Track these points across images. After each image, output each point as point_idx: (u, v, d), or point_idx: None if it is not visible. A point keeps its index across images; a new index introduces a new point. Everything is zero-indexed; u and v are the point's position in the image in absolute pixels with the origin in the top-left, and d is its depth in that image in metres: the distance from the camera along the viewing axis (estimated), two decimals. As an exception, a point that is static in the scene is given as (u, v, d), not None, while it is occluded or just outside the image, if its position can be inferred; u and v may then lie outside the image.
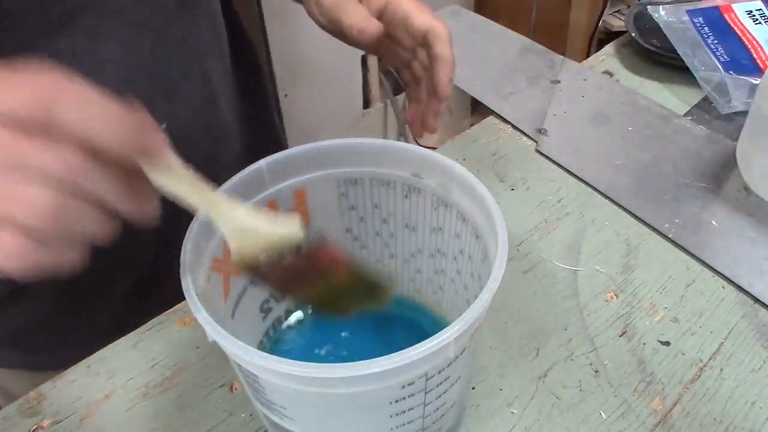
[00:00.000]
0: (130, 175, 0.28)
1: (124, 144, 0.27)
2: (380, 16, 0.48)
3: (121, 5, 0.45)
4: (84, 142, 0.26)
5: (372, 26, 0.46)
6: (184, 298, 0.31)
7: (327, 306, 0.38)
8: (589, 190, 0.59)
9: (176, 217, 0.32)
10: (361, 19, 0.46)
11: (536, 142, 0.64)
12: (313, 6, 0.50)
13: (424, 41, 0.47)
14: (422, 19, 0.47)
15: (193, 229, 0.34)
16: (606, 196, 0.58)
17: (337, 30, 0.49)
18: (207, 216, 0.32)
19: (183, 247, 0.33)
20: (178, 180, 0.30)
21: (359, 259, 0.44)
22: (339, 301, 0.37)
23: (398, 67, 0.53)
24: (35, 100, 0.26)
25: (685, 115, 0.67)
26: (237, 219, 0.32)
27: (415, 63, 0.51)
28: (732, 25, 0.73)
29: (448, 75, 0.48)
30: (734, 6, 0.74)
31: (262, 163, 0.38)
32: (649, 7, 0.76)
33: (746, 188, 0.59)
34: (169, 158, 0.29)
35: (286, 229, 0.33)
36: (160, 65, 0.49)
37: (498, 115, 0.68)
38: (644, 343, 0.47)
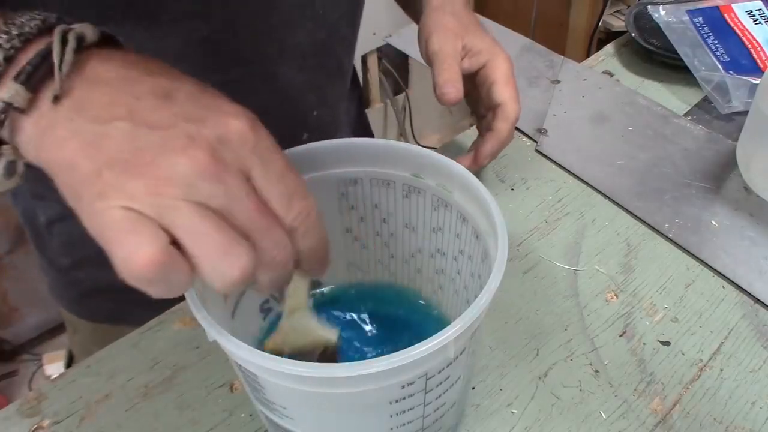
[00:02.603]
0: None
1: (314, 267, 0.30)
2: (477, 71, 0.52)
3: None
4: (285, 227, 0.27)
5: (452, 95, 0.49)
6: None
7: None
8: (589, 190, 0.59)
9: None
10: (447, 82, 0.50)
11: (536, 142, 0.64)
12: (420, 40, 0.54)
13: (494, 111, 0.52)
14: (503, 93, 0.51)
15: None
16: (606, 196, 0.58)
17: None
18: (290, 313, 0.36)
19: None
20: (302, 283, 0.35)
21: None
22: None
23: (475, 113, 0.57)
24: (299, 217, 0.27)
25: (685, 115, 0.67)
26: (304, 319, 0.35)
27: (486, 119, 0.54)
28: (732, 25, 0.73)
29: (492, 148, 0.52)
30: (734, 6, 0.74)
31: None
32: (649, 7, 0.76)
33: (746, 188, 0.59)
34: None
35: (327, 337, 0.37)
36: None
37: (498, 115, 0.68)
38: (644, 343, 0.47)
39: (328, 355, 0.37)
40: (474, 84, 0.53)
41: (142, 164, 0.25)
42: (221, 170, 0.25)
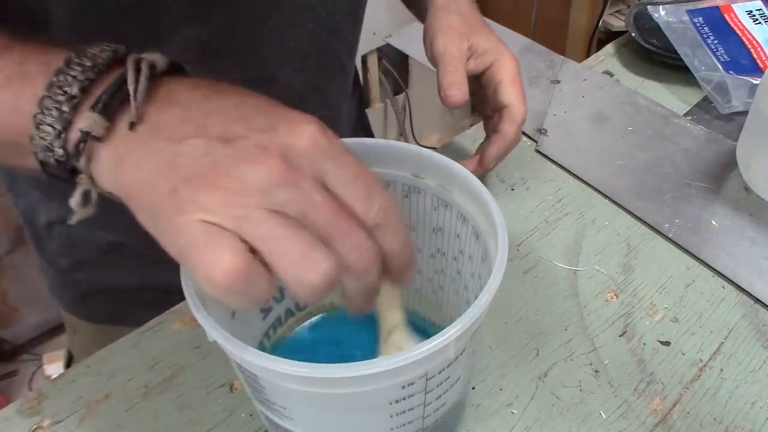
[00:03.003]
0: None
1: (399, 271, 0.30)
2: (483, 71, 0.52)
3: None
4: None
5: (456, 97, 0.49)
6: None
7: None
8: (589, 190, 0.59)
9: None
10: (452, 84, 0.49)
11: (536, 142, 0.64)
12: (425, 40, 0.54)
13: (500, 113, 0.51)
14: (509, 95, 0.51)
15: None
16: (606, 196, 0.58)
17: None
18: (390, 333, 0.34)
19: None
20: (395, 296, 0.34)
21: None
22: None
23: (481, 114, 0.57)
24: (378, 215, 0.27)
25: (685, 115, 0.67)
26: (398, 338, 0.34)
27: (492, 121, 0.54)
28: (732, 25, 0.73)
29: (498, 151, 0.52)
30: (734, 6, 0.74)
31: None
32: (649, 7, 0.76)
33: (746, 188, 0.59)
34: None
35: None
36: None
37: (498, 115, 0.68)
38: (644, 343, 0.47)
39: None
40: (480, 85, 0.53)
41: (217, 177, 0.25)
42: (295, 176, 0.25)
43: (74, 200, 0.28)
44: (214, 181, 0.25)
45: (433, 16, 0.53)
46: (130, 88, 0.27)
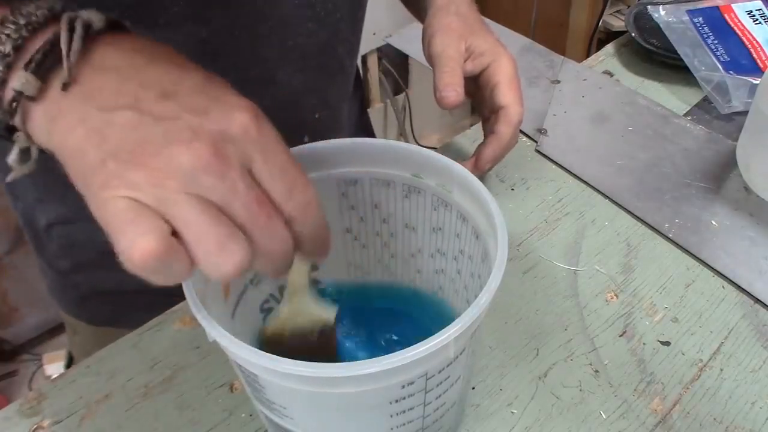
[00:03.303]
0: None
1: (316, 254, 0.31)
2: (480, 72, 0.52)
3: None
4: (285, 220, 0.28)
5: (451, 99, 0.49)
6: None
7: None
8: (589, 190, 0.59)
9: None
10: (448, 86, 0.49)
11: (536, 142, 0.64)
12: (423, 40, 0.54)
13: (497, 114, 0.51)
14: (505, 96, 0.51)
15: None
16: (606, 196, 0.58)
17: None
18: (290, 297, 0.36)
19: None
20: (303, 268, 0.35)
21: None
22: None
23: (480, 115, 0.57)
24: (300, 209, 0.28)
25: (685, 115, 0.67)
26: (300, 301, 0.36)
27: (489, 122, 0.54)
28: (732, 25, 0.73)
29: (493, 152, 0.52)
30: (734, 6, 0.74)
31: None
32: (649, 7, 0.76)
33: (746, 188, 0.59)
34: None
35: (324, 317, 0.37)
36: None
37: (498, 115, 0.68)
38: (644, 343, 0.47)
39: (325, 335, 0.37)
40: (478, 86, 0.53)
41: (145, 155, 0.25)
42: (222, 164, 0.25)
43: (12, 157, 0.28)
44: (142, 159, 0.25)
45: (432, 16, 0.53)
46: (63, 48, 0.26)
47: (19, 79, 0.26)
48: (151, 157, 0.25)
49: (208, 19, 0.45)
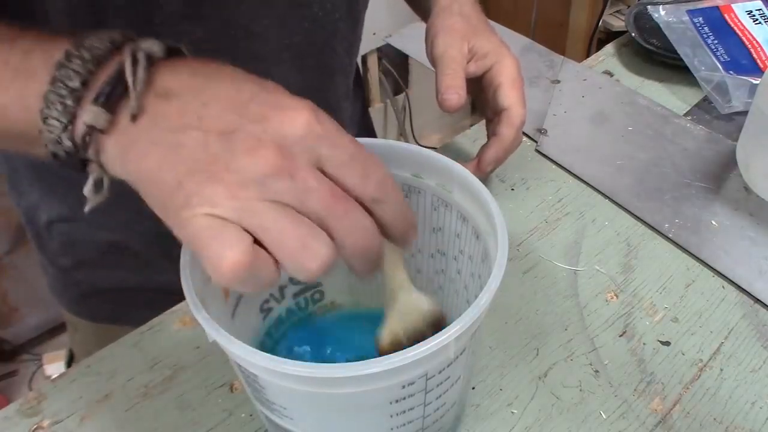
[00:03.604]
0: None
1: (402, 237, 0.30)
2: (483, 73, 0.51)
3: None
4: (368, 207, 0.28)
5: (453, 101, 0.49)
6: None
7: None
8: (589, 190, 0.59)
9: None
10: (450, 88, 0.49)
11: (536, 142, 0.64)
12: (426, 40, 0.53)
13: (499, 116, 0.51)
14: (508, 97, 0.50)
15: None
16: (606, 196, 0.58)
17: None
18: (395, 294, 0.35)
19: (183, 247, 0.33)
20: (397, 255, 0.34)
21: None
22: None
23: (483, 116, 0.56)
24: (376, 191, 0.28)
25: (685, 115, 0.67)
26: (406, 299, 0.35)
27: (493, 124, 0.53)
28: (732, 25, 0.73)
29: (496, 154, 0.51)
30: (734, 6, 0.74)
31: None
32: (649, 7, 0.76)
33: (746, 188, 0.59)
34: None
35: (433, 309, 0.36)
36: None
37: (498, 115, 0.68)
38: (644, 343, 0.47)
39: (437, 326, 0.36)
40: (481, 87, 0.53)
41: (217, 171, 0.26)
42: (290, 165, 0.26)
43: (87, 189, 0.29)
44: (215, 175, 0.26)
45: (436, 16, 0.53)
46: (129, 80, 0.27)
47: (89, 113, 0.27)
48: (222, 171, 0.26)
49: (202, 18, 0.45)
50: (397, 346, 0.35)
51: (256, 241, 0.26)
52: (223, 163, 0.26)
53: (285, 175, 0.26)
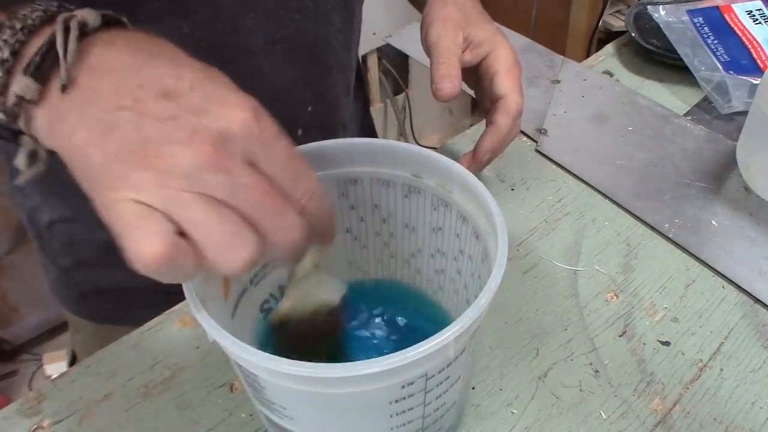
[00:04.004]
0: None
1: (324, 238, 0.31)
2: (479, 62, 0.50)
3: None
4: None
5: (447, 90, 0.48)
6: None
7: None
8: (589, 190, 0.59)
9: None
10: (444, 77, 0.48)
11: (536, 142, 0.64)
12: (421, 31, 0.53)
13: (495, 105, 0.50)
14: (504, 85, 0.49)
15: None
16: (606, 196, 0.58)
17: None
18: (298, 279, 0.36)
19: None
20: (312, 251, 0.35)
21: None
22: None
23: (481, 107, 0.55)
24: (306, 194, 0.28)
25: (685, 115, 0.67)
26: (306, 284, 0.35)
27: (490, 113, 0.52)
28: (732, 25, 0.73)
29: (492, 143, 0.50)
30: (734, 6, 0.74)
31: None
32: (649, 7, 0.76)
33: (746, 188, 0.59)
34: None
35: (333, 295, 0.37)
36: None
37: (498, 115, 0.67)
38: (644, 343, 0.47)
39: (332, 317, 0.37)
40: (478, 77, 0.52)
41: (148, 156, 0.25)
42: (224, 159, 0.26)
43: (20, 160, 0.29)
44: (145, 160, 0.25)
45: (431, 6, 0.52)
46: (60, 50, 0.26)
47: (19, 84, 0.26)
48: (153, 158, 0.25)
49: (189, 13, 0.44)
50: (284, 326, 0.37)
51: (181, 233, 0.26)
52: (155, 150, 0.25)
53: (218, 168, 0.25)
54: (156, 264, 0.25)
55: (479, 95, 0.54)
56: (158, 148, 0.25)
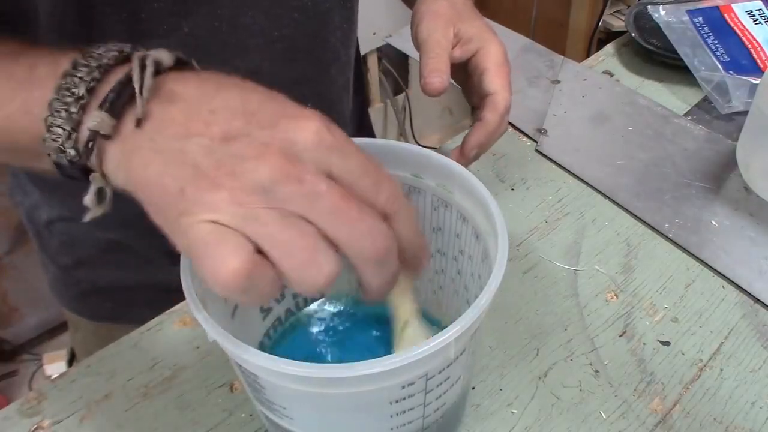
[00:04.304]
0: None
1: (414, 259, 0.29)
2: (468, 58, 0.50)
3: None
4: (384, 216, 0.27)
5: (436, 84, 0.47)
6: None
7: None
8: (589, 190, 0.59)
9: None
10: (433, 71, 0.48)
11: (536, 142, 0.64)
12: (412, 26, 0.53)
13: (484, 101, 0.49)
14: (493, 82, 0.49)
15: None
16: (606, 196, 0.58)
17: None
18: (403, 327, 0.34)
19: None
20: (408, 287, 0.33)
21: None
22: None
23: (470, 104, 0.55)
24: (388, 202, 0.27)
25: (685, 115, 0.67)
26: (414, 331, 0.34)
27: (478, 109, 0.52)
28: (732, 25, 0.73)
29: (479, 139, 0.49)
30: (734, 6, 0.74)
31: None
32: (649, 7, 0.76)
33: (746, 188, 0.59)
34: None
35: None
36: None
37: (498, 115, 0.67)
38: (644, 343, 0.47)
39: None
40: (467, 73, 0.51)
41: (221, 176, 0.25)
42: (298, 170, 0.25)
43: (88, 198, 0.29)
44: (219, 181, 0.25)
45: (421, 2, 0.52)
46: (136, 85, 0.27)
47: (94, 119, 0.27)
48: (227, 177, 0.25)
49: (189, 12, 0.44)
50: None
51: (259, 251, 0.25)
52: (228, 169, 0.25)
53: (292, 180, 0.25)
54: (236, 282, 0.24)
55: (467, 92, 0.54)
56: (231, 167, 0.25)
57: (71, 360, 0.69)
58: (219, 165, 0.25)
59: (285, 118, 0.27)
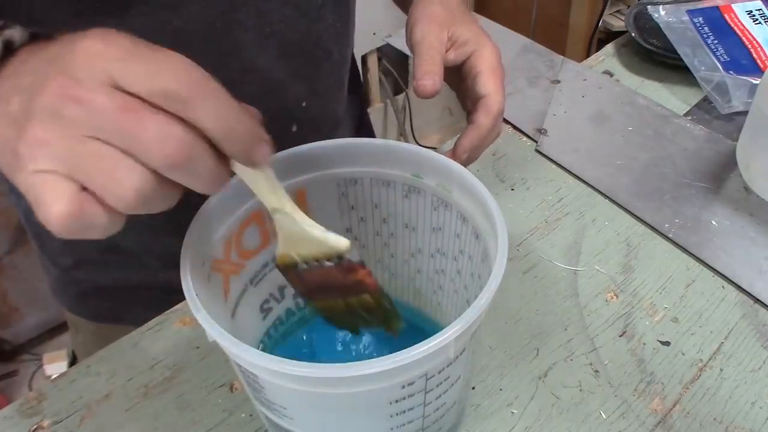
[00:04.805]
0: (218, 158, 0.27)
1: (237, 147, 0.28)
2: (462, 62, 0.50)
3: None
4: (200, 131, 0.26)
5: (428, 87, 0.47)
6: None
7: (338, 320, 0.40)
8: (589, 190, 0.59)
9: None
10: (426, 74, 0.47)
11: (536, 142, 0.64)
12: (406, 29, 0.52)
13: (477, 104, 0.49)
14: (486, 85, 0.48)
15: (194, 229, 0.34)
16: (606, 196, 0.58)
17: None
18: (272, 215, 0.33)
19: (183, 248, 0.33)
20: (259, 178, 0.31)
21: (384, 286, 0.44)
22: (351, 319, 0.39)
23: (464, 108, 0.54)
24: (179, 88, 0.25)
25: (685, 115, 0.67)
26: (296, 224, 0.34)
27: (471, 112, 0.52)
28: (732, 25, 0.73)
29: (471, 142, 0.49)
30: (734, 6, 0.74)
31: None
32: (649, 7, 0.76)
33: (746, 188, 0.59)
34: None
35: (335, 242, 0.34)
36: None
37: (498, 115, 0.67)
38: (644, 343, 0.47)
39: (349, 265, 0.35)
40: (461, 76, 0.51)
41: (29, 124, 0.25)
42: (74, 91, 0.25)
43: None
44: (27, 129, 0.25)
45: (416, 5, 0.52)
46: None
47: None
48: (30, 122, 0.25)
49: (180, 7, 0.44)
50: (292, 268, 0.36)
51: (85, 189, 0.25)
52: (29, 114, 0.25)
53: (72, 101, 0.24)
54: (65, 223, 0.25)
55: (461, 95, 0.54)
56: (30, 111, 0.25)
57: (72, 363, 0.69)
58: (27, 116, 0.25)
59: (65, 50, 0.26)
